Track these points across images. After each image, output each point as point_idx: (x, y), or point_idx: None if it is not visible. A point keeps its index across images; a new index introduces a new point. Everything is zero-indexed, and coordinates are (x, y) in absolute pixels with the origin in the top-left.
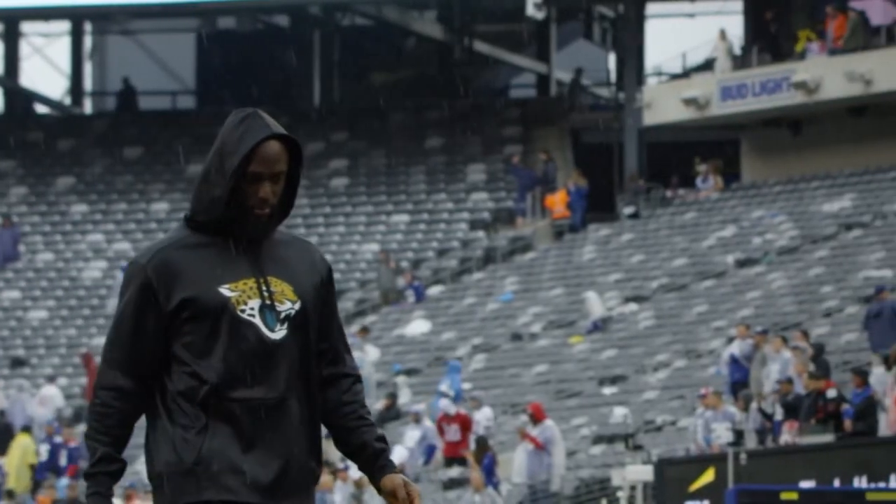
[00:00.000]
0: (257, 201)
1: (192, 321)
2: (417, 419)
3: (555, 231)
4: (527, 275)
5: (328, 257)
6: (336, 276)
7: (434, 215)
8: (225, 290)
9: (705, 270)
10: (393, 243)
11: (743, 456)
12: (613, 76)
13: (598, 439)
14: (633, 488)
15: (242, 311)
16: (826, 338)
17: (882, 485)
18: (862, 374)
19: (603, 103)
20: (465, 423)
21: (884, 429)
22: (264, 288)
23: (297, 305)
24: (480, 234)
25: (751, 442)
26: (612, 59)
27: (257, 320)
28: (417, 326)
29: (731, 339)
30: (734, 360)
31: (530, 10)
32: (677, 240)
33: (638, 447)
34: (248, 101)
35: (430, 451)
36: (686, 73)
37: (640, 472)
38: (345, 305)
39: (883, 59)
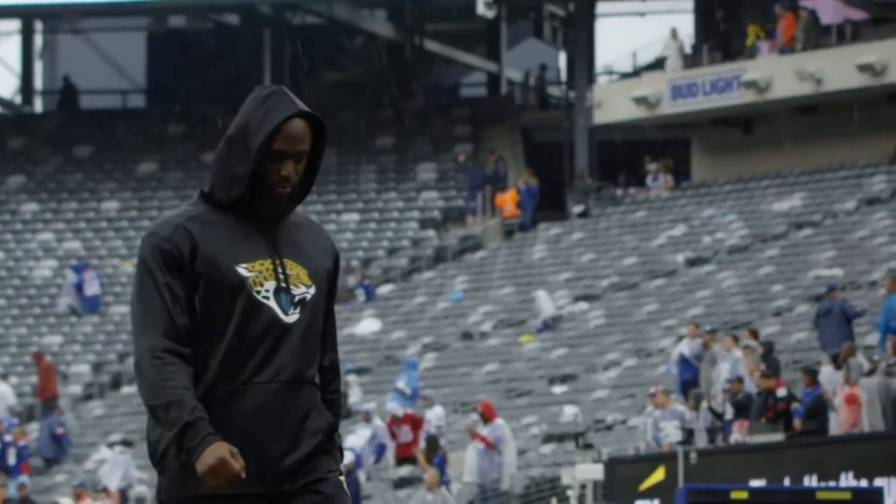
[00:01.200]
0: (279, 179)
1: (207, 298)
2: (368, 418)
3: (505, 230)
4: (477, 274)
5: None
6: None
7: (384, 214)
8: (242, 270)
9: (655, 269)
10: (343, 242)
11: (693, 455)
12: (564, 75)
13: (548, 438)
14: (583, 487)
15: (258, 292)
16: (776, 337)
17: (832, 484)
18: (811, 374)
19: (553, 102)
20: (416, 424)
21: (834, 428)
22: (280, 270)
23: (312, 290)
24: (430, 232)
25: (701, 441)
26: (562, 58)
27: (272, 302)
28: (368, 325)
29: (680, 338)
30: (684, 360)
31: (481, 9)
32: (627, 239)
33: (588, 446)
34: (198, 101)
35: (380, 450)
36: (636, 72)
37: (590, 470)
38: None
39: (833, 58)
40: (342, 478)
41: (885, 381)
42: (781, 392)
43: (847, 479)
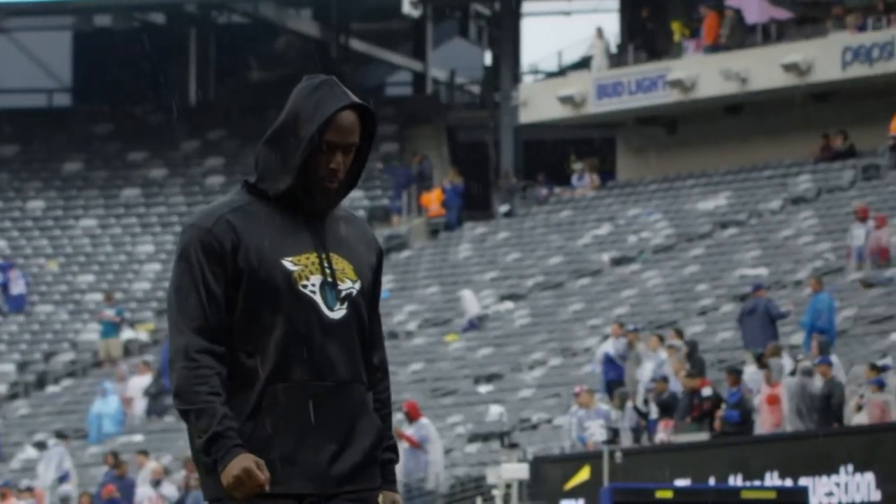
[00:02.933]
0: (328, 172)
1: (251, 293)
2: None
3: (430, 229)
4: (402, 273)
5: None
6: None
7: None
8: (287, 263)
9: (581, 269)
10: None
11: (618, 454)
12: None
13: (473, 437)
14: (508, 486)
15: (304, 286)
16: (701, 336)
17: (757, 483)
18: (735, 373)
19: (479, 102)
20: None
21: (759, 427)
22: (326, 264)
23: (357, 285)
24: None
25: (626, 440)
26: (487, 58)
27: (317, 297)
28: None
29: (605, 338)
30: (609, 359)
31: (406, 8)
32: (553, 238)
33: (513, 445)
34: (124, 100)
35: None
36: (562, 72)
37: (515, 470)
38: None
39: (758, 57)
40: (381, 498)
41: (802, 381)
42: (706, 391)
43: (772, 479)
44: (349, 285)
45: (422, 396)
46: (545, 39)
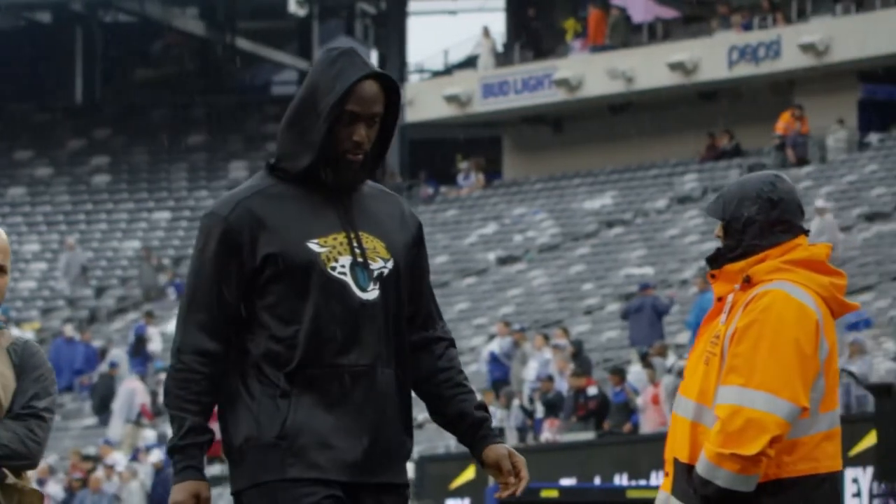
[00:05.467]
0: (351, 145)
1: (277, 279)
2: None
3: None
4: None
5: (88, 255)
6: (97, 273)
7: (196, 212)
8: (314, 246)
9: (467, 268)
10: (155, 240)
11: None
12: None
13: None
14: None
15: (333, 268)
16: (587, 335)
17: (643, 482)
18: (619, 373)
19: None
20: None
21: (644, 426)
22: (355, 244)
23: (390, 264)
24: None
25: (512, 439)
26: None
27: (348, 279)
28: None
29: (491, 337)
30: (494, 358)
31: (292, 7)
32: (439, 237)
33: None
34: (9, 98)
35: None
36: (448, 71)
37: None
38: (106, 303)
39: (644, 56)
40: (488, 452)
41: (676, 382)
42: (592, 391)
43: (658, 478)
44: (381, 264)
45: None
46: (431, 38)
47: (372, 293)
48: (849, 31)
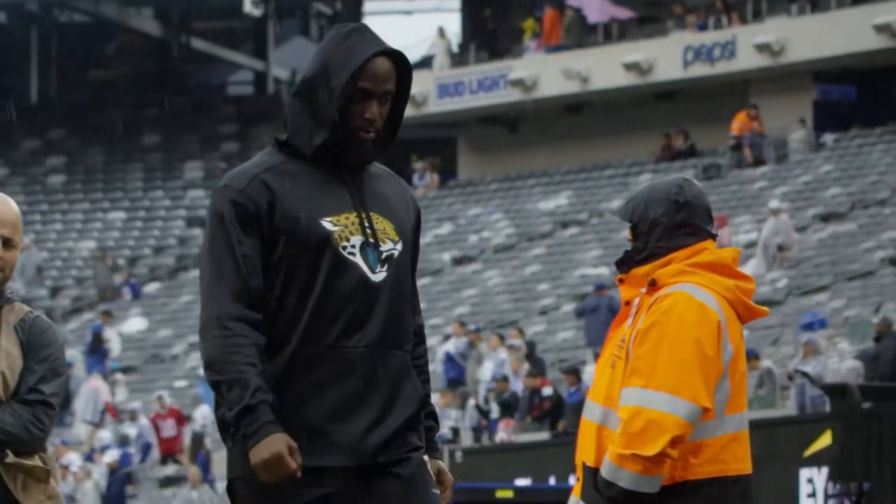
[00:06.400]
0: (363, 122)
1: (288, 257)
2: (134, 417)
3: None
4: None
5: (44, 255)
6: (52, 273)
7: (151, 213)
8: (327, 224)
9: (422, 268)
10: (110, 241)
11: (459, 454)
12: None
13: None
14: None
15: (344, 248)
16: (542, 336)
17: None
18: (574, 373)
19: None
20: (180, 419)
21: None
22: (367, 224)
23: (399, 246)
24: (197, 231)
25: (467, 440)
26: None
27: (358, 259)
28: (134, 324)
29: (447, 337)
30: (450, 358)
31: (248, 8)
32: None
33: None
34: None
35: (146, 449)
36: None
37: None
38: (61, 303)
39: (600, 56)
40: (426, 456)
41: None
42: (547, 391)
43: None
44: (391, 246)
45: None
46: (387, 38)
47: (380, 275)
48: (804, 32)
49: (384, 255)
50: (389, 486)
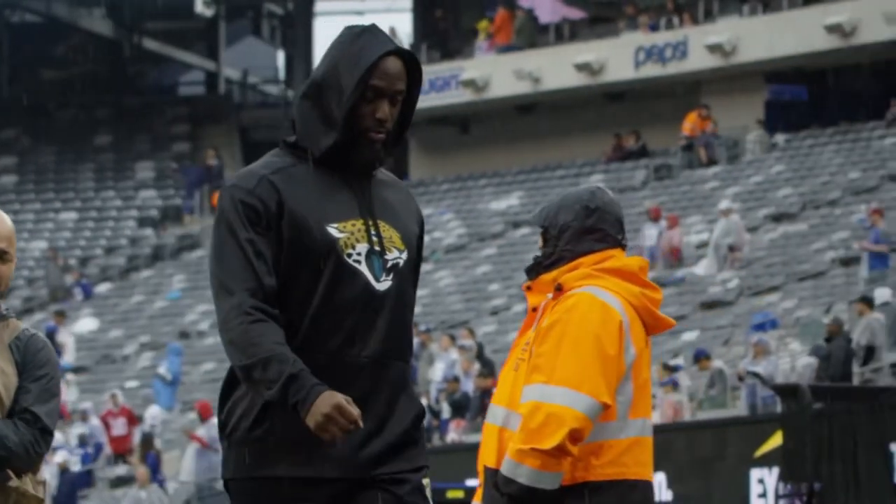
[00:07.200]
0: (374, 123)
1: (292, 262)
2: (84, 417)
3: None
4: (195, 272)
5: None
6: None
7: (102, 213)
8: (333, 230)
9: None
10: (61, 241)
11: None
12: (282, 74)
13: None
14: None
15: (349, 255)
16: (493, 336)
17: None
18: None
19: (271, 101)
20: (131, 418)
21: None
22: (373, 231)
23: (404, 255)
24: (149, 231)
25: None
26: (280, 57)
27: (363, 267)
28: (85, 324)
29: None
30: None
31: (199, 8)
32: None
33: None
34: None
35: (97, 449)
36: None
37: None
38: (12, 304)
39: (551, 57)
40: (426, 480)
41: None
42: None
43: None
44: (396, 255)
45: (214, 396)
46: None
47: (385, 284)
48: (755, 32)
49: (389, 263)
50: (381, 502)
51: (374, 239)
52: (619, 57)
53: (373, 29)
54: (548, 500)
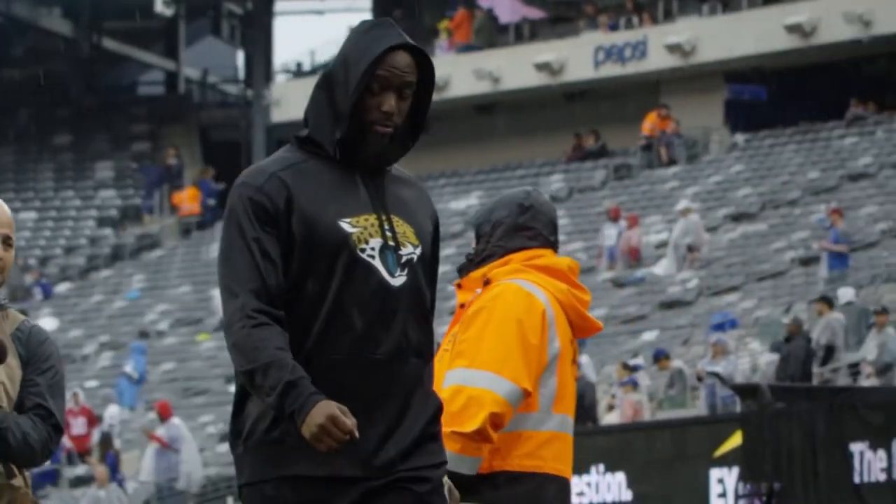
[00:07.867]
0: (380, 115)
1: (304, 258)
2: None
3: (182, 228)
4: (154, 272)
5: None
6: None
7: (62, 212)
8: (345, 225)
9: None
10: (20, 241)
11: None
12: (242, 73)
13: (224, 437)
14: None
15: (363, 250)
16: None
17: None
18: None
19: (231, 100)
20: (91, 418)
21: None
22: (387, 226)
23: (419, 251)
24: (108, 231)
25: None
26: (240, 57)
27: (377, 262)
28: (45, 324)
29: None
30: None
31: (159, 7)
32: None
33: None
34: None
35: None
36: (315, 71)
37: None
38: None
39: (511, 57)
40: (445, 479)
41: None
42: None
43: None
44: (410, 250)
45: (173, 396)
46: (298, 38)
47: (399, 279)
48: (715, 32)
49: (404, 258)
50: (401, 502)
51: (388, 234)
52: (578, 57)
53: (385, 23)
54: (463, 487)
